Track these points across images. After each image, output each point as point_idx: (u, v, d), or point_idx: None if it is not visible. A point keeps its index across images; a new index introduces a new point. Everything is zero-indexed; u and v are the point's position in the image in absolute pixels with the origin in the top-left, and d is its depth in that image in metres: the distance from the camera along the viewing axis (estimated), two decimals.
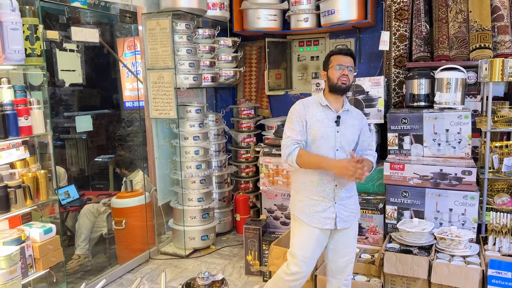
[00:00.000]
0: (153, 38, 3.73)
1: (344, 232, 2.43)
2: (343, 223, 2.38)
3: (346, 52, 2.37)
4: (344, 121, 2.37)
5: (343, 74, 2.31)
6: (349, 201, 2.42)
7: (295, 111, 2.39)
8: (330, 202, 2.35)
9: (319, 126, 2.33)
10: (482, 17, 3.50)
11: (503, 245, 2.85)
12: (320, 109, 2.37)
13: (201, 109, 4.03)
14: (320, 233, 2.37)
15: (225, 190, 4.49)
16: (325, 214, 2.34)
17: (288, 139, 2.36)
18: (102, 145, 5.53)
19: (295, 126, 2.36)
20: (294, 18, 4.33)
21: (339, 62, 2.33)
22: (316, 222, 2.35)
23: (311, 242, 2.37)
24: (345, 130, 2.36)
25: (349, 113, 2.42)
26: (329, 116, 2.36)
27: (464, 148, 3.30)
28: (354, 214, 2.45)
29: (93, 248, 4.17)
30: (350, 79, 2.34)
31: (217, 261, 3.85)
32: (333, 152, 2.33)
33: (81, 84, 3.44)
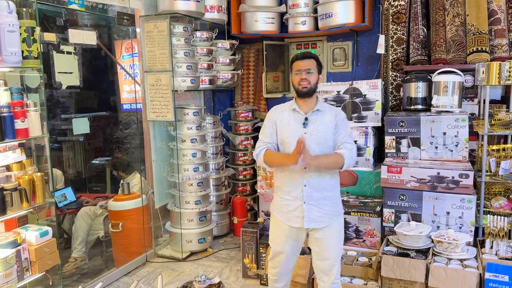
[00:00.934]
0: (151, 40, 3.72)
1: (323, 233, 2.45)
2: (313, 223, 2.43)
3: (303, 56, 2.45)
4: (314, 121, 2.44)
5: (301, 78, 2.39)
6: (324, 202, 2.43)
7: (268, 116, 2.57)
8: (299, 202, 2.43)
9: (286, 129, 2.46)
10: (479, 21, 3.51)
11: (500, 248, 2.85)
12: (290, 113, 2.49)
13: (199, 112, 4.03)
14: (291, 230, 2.48)
15: (223, 192, 4.48)
16: (295, 213, 2.44)
17: (259, 142, 2.54)
18: (100, 147, 5.51)
19: (266, 130, 2.53)
20: (292, 21, 4.33)
21: (297, 67, 2.43)
22: (287, 220, 2.47)
23: (282, 238, 2.51)
24: (314, 130, 2.42)
25: (320, 112, 2.47)
26: (297, 119, 2.46)
27: (461, 151, 3.30)
28: (329, 215, 2.45)
29: (89, 250, 4.16)
30: (311, 81, 2.41)
31: (214, 264, 3.84)
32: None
33: (78, 86, 3.43)
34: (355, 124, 3.73)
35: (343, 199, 3.53)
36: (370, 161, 3.67)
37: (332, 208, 2.47)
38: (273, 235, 2.59)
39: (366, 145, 3.67)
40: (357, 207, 3.38)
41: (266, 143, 2.51)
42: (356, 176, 3.69)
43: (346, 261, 3.23)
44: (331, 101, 3.81)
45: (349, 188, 3.73)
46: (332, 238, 2.47)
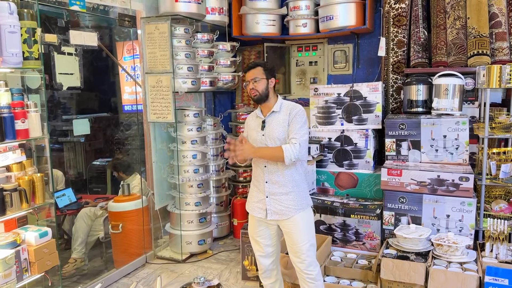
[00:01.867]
0: (152, 42, 3.73)
1: (289, 226, 2.57)
2: (275, 215, 2.58)
3: (248, 68, 2.62)
4: (270, 123, 2.59)
5: (249, 88, 2.58)
6: (284, 197, 2.57)
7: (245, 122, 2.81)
8: (262, 195, 2.61)
9: (250, 133, 2.68)
10: (480, 24, 3.51)
11: (500, 252, 2.84)
12: (255, 119, 2.70)
13: (199, 113, 4.03)
14: (257, 220, 2.65)
15: (223, 194, 4.48)
16: (258, 204, 2.63)
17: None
18: (100, 149, 5.52)
19: (244, 134, 2.76)
20: (293, 23, 4.34)
21: (245, 78, 2.63)
22: (252, 210, 2.67)
23: (252, 226, 2.71)
24: (271, 130, 2.57)
25: (276, 113, 2.60)
26: (258, 123, 2.65)
27: (461, 154, 3.30)
28: (290, 209, 2.56)
29: (89, 251, 4.16)
30: (259, 88, 2.55)
31: (213, 266, 3.83)
32: None
33: (79, 87, 3.43)
34: (356, 127, 3.73)
35: (343, 202, 3.54)
36: (371, 163, 3.67)
37: (295, 202, 2.57)
38: (248, 224, 2.78)
39: (366, 148, 3.66)
40: (357, 209, 3.38)
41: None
42: (356, 178, 3.69)
43: (346, 263, 3.22)
44: (331, 103, 3.81)
45: (349, 190, 3.73)
46: (298, 231, 2.57)
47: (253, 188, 2.69)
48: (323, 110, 3.83)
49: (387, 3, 3.95)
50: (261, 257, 2.72)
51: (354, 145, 3.70)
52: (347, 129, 3.74)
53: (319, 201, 3.58)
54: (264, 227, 2.67)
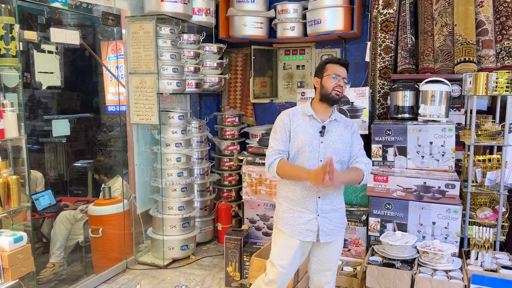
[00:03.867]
0: (136, 42, 3.65)
1: (328, 246, 2.37)
2: (326, 237, 2.31)
3: (344, 63, 2.33)
4: (330, 131, 2.32)
5: (338, 84, 2.26)
6: (335, 214, 2.35)
7: (280, 121, 2.36)
8: (312, 214, 2.29)
9: (303, 136, 2.29)
10: (467, 31, 3.51)
11: (486, 260, 2.83)
12: (306, 119, 2.33)
13: (184, 116, 3.95)
14: (301, 245, 2.32)
15: (207, 198, 4.40)
16: (307, 226, 2.29)
17: (270, 149, 2.34)
18: (82, 150, 5.41)
19: (279, 136, 2.33)
20: (281, 27, 4.30)
21: (335, 71, 2.28)
22: (298, 234, 2.30)
23: (290, 253, 2.32)
24: (331, 140, 2.31)
25: (337, 123, 2.37)
26: (314, 126, 2.32)
27: (447, 161, 3.29)
28: (339, 228, 2.38)
29: (68, 256, 4.04)
30: (343, 90, 2.30)
31: (196, 272, 3.75)
32: (318, 163, 2.28)
33: (59, 87, 3.32)
34: None
35: None
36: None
37: (341, 220, 2.40)
38: (278, 249, 2.36)
39: None
40: None
41: (279, 151, 2.32)
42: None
43: None
44: None
45: None
46: (336, 252, 2.41)
47: (295, 208, 2.31)
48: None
49: (375, 8, 3.94)
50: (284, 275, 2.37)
51: None
52: None
53: None
54: (302, 254, 2.36)
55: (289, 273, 2.39)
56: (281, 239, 2.35)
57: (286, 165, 2.28)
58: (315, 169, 2.21)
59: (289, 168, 2.28)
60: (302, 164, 2.29)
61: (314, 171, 2.19)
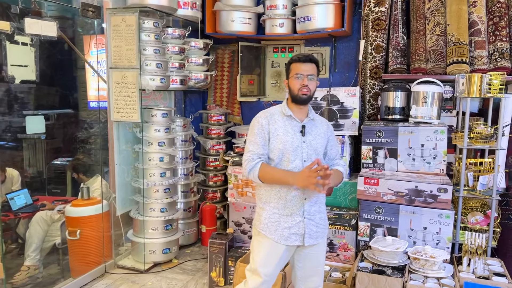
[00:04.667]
0: (118, 35, 3.47)
1: (312, 249, 2.29)
2: (311, 240, 2.24)
3: (306, 59, 2.19)
4: (310, 130, 2.26)
5: (303, 84, 2.17)
6: (319, 216, 2.29)
7: (257, 123, 2.25)
8: (299, 217, 2.21)
9: (284, 137, 2.21)
10: (459, 31, 3.43)
11: (478, 266, 2.75)
12: (284, 119, 2.25)
13: (168, 113, 3.79)
14: (286, 250, 2.24)
15: (191, 199, 4.24)
16: (294, 230, 2.21)
17: (249, 153, 2.23)
18: (62, 147, 5.22)
19: (257, 139, 2.22)
20: (269, 23, 4.16)
21: (297, 70, 2.18)
22: (284, 239, 2.21)
23: (275, 260, 2.24)
24: (311, 139, 2.25)
25: (314, 122, 2.31)
26: (294, 127, 2.24)
27: (439, 164, 3.20)
28: (323, 230, 2.33)
29: (44, 258, 3.86)
30: (311, 88, 2.19)
31: (178, 277, 3.59)
32: (301, 163, 2.21)
33: (34, 81, 3.13)
34: None
35: None
36: (346, 171, 3.53)
37: (325, 222, 2.36)
38: (262, 256, 2.25)
39: (342, 155, 3.52)
40: (332, 219, 3.22)
41: (258, 155, 2.21)
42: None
43: None
44: None
45: None
46: (321, 255, 2.35)
47: (279, 212, 2.21)
48: None
49: (366, 6, 3.83)
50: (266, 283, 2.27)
51: None
52: None
53: None
54: (288, 254, 2.27)
55: (272, 280, 2.31)
56: (266, 246, 2.24)
57: (269, 168, 2.19)
58: (300, 171, 2.14)
59: (272, 171, 2.19)
60: (286, 166, 2.20)
61: (302, 174, 2.10)
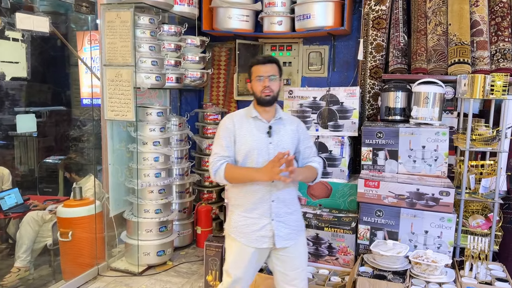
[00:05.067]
0: (112, 31, 3.37)
1: (288, 251, 2.26)
2: (283, 242, 2.23)
3: (265, 61, 2.20)
4: (277, 131, 2.25)
5: (264, 86, 2.17)
6: (290, 218, 2.27)
7: (223, 126, 2.28)
8: (267, 220, 2.21)
9: (250, 139, 2.21)
10: (461, 31, 3.37)
11: (480, 271, 2.69)
12: (250, 121, 2.25)
13: (163, 112, 3.70)
14: (256, 252, 2.24)
15: (186, 200, 4.16)
16: (262, 232, 2.21)
17: (215, 156, 2.25)
18: (54, 145, 5.12)
19: (222, 141, 2.24)
20: (267, 21, 4.08)
21: (258, 73, 2.19)
22: (253, 242, 2.22)
23: (245, 262, 2.25)
24: (279, 140, 2.24)
25: (282, 121, 2.29)
26: (260, 128, 2.24)
27: (440, 166, 3.14)
28: (296, 231, 2.30)
29: (36, 259, 3.77)
30: (273, 89, 2.19)
31: (173, 280, 3.51)
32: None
33: (25, 78, 3.02)
34: (331, 133, 3.51)
35: (315, 213, 3.32)
36: (345, 172, 3.47)
37: (297, 223, 2.32)
38: (233, 258, 2.28)
39: (342, 156, 3.45)
40: (331, 222, 3.16)
41: (224, 157, 2.23)
42: (330, 188, 3.47)
43: (318, 281, 2.99)
44: (306, 107, 3.58)
45: (322, 200, 3.51)
46: (299, 257, 2.31)
47: (247, 215, 2.22)
48: (298, 114, 3.58)
49: (367, 4, 3.76)
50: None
51: (329, 153, 3.49)
52: (322, 135, 3.52)
53: None
54: (257, 261, 2.27)
55: (245, 281, 2.31)
56: (235, 248, 2.27)
57: (233, 168, 2.21)
58: (265, 166, 2.14)
59: (237, 170, 2.21)
60: (251, 167, 2.21)
61: (264, 167, 2.13)
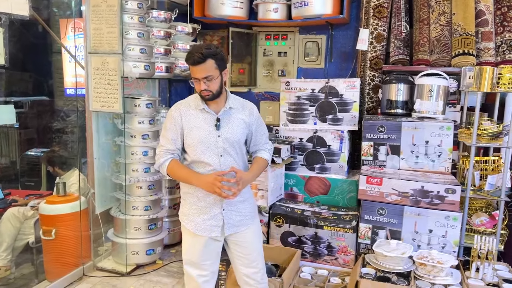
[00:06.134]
0: (98, 16, 3.14)
1: (241, 236, 2.26)
2: (234, 228, 2.22)
3: (194, 62, 2.01)
4: (226, 122, 2.16)
5: (201, 89, 2.07)
6: (242, 206, 2.24)
7: (170, 118, 2.18)
8: (217, 209, 2.18)
9: (197, 132, 2.13)
10: (466, 21, 3.24)
11: (487, 272, 2.58)
12: (198, 113, 2.16)
13: (153, 103, 3.49)
14: (208, 240, 2.21)
15: (177, 196, 3.96)
16: (212, 221, 2.18)
17: (161, 148, 2.19)
18: (37, 137, 4.91)
19: (169, 134, 2.17)
20: (263, 8, 3.89)
21: (193, 75, 2.07)
22: (203, 231, 2.19)
23: (198, 249, 2.21)
24: (228, 132, 2.16)
25: (232, 110, 2.20)
26: (208, 120, 2.15)
27: (444, 162, 3.02)
28: (248, 217, 2.28)
29: (17, 258, 3.58)
30: (212, 89, 2.07)
31: (163, 280, 3.34)
32: (218, 159, 2.15)
33: (3, 65, 2.79)
34: (330, 127, 3.36)
35: (314, 210, 3.17)
36: (344, 168, 3.32)
37: (251, 209, 2.30)
38: (186, 246, 2.26)
39: (341, 151, 3.31)
40: (330, 220, 3.02)
41: (170, 150, 2.17)
42: (328, 184, 3.33)
43: (317, 282, 2.86)
44: (304, 99, 3.41)
45: (320, 197, 3.36)
46: (255, 240, 2.32)
47: (198, 203, 2.18)
48: (295, 107, 3.43)
49: None
50: (206, 282, 2.25)
51: (327, 147, 3.34)
52: (320, 129, 3.36)
53: (288, 209, 3.18)
54: (213, 246, 2.24)
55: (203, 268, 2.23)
56: (187, 236, 2.25)
57: (176, 167, 2.15)
58: (206, 175, 2.10)
59: (179, 171, 2.16)
60: (201, 161, 2.14)
61: (206, 179, 2.07)
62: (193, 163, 2.16)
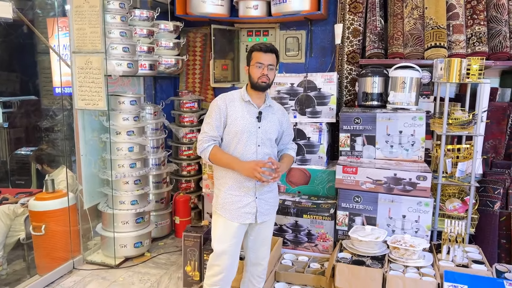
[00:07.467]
0: (81, 16, 3.22)
1: (263, 224, 2.46)
2: (263, 217, 2.41)
3: (267, 49, 2.31)
4: (266, 116, 2.38)
5: (263, 73, 2.29)
6: (270, 195, 2.44)
7: (215, 106, 2.36)
8: (251, 197, 2.36)
9: (240, 121, 2.33)
10: (437, 15, 3.36)
11: (457, 254, 2.72)
12: (242, 104, 2.36)
13: (137, 100, 3.59)
14: (239, 227, 2.38)
15: (164, 190, 4.07)
16: (246, 209, 2.36)
17: (204, 135, 2.37)
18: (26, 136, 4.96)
19: (213, 121, 2.35)
20: (243, 5, 3.99)
21: (259, 59, 2.30)
22: (238, 218, 2.36)
23: (229, 236, 2.37)
24: (266, 125, 2.37)
25: (271, 108, 2.43)
26: (251, 112, 2.36)
27: (417, 151, 3.15)
28: (273, 207, 2.50)
29: (8, 254, 3.65)
30: (270, 77, 2.32)
31: (151, 271, 3.45)
32: (255, 148, 2.34)
33: None
34: (309, 120, 3.47)
35: (295, 200, 3.30)
36: (324, 159, 3.44)
37: (275, 200, 2.51)
38: (217, 233, 2.41)
39: (320, 142, 3.43)
40: (310, 209, 3.14)
41: (212, 137, 2.35)
42: (308, 174, 3.45)
43: (297, 267, 2.99)
44: (284, 94, 3.53)
45: (301, 187, 3.49)
46: (270, 228, 2.54)
47: (233, 192, 2.36)
48: (275, 101, 3.52)
49: None
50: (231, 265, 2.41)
51: (307, 139, 3.45)
52: (300, 122, 3.48)
53: None
54: (240, 236, 2.42)
55: (229, 256, 2.39)
56: (221, 224, 2.39)
57: (219, 153, 2.33)
58: (248, 161, 2.28)
59: (222, 156, 2.33)
60: (240, 149, 2.32)
61: (247, 164, 2.26)
62: (231, 151, 2.34)
